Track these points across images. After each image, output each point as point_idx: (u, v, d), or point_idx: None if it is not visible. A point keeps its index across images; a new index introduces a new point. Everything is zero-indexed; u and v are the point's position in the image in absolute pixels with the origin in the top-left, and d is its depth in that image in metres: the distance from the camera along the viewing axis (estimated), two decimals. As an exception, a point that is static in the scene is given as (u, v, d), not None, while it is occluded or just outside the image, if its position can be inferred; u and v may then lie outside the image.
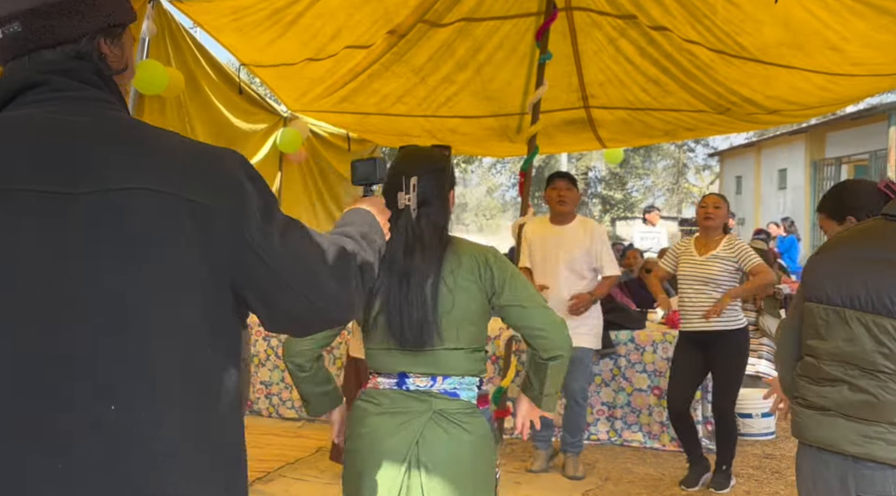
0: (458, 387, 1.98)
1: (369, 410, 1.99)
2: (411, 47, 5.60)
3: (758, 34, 4.70)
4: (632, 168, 29.76)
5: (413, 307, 1.93)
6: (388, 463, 1.92)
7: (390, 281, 1.96)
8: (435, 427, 1.93)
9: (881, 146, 14.07)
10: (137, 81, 5.20)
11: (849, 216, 2.24)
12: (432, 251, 1.96)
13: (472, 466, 1.96)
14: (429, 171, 2.01)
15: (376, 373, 2.04)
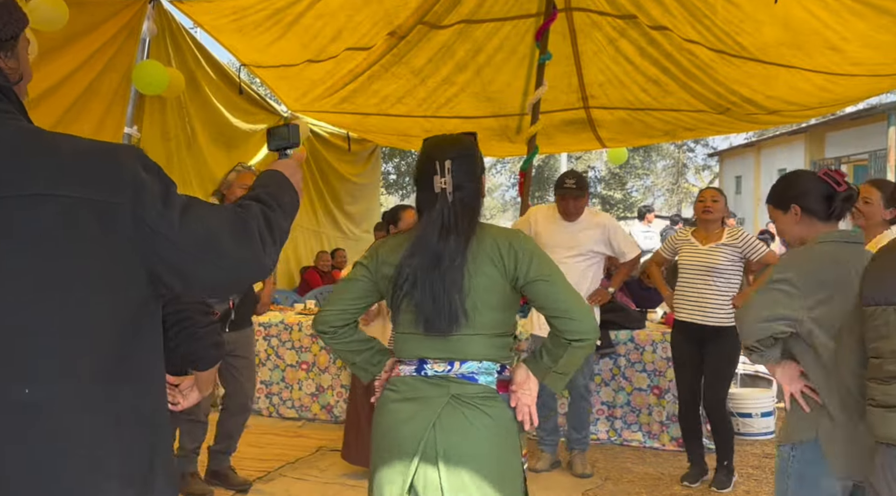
0: (477, 372, 1.96)
1: (389, 398, 2.01)
2: (411, 49, 5.61)
3: (758, 34, 4.70)
4: (631, 168, 29.77)
5: (444, 291, 1.92)
6: (402, 448, 1.92)
7: (421, 263, 1.95)
8: (453, 411, 1.91)
9: (881, 146, 14.08)
10: (138, 82, 5.21)
11: (792, 204, 2.31)
12: (463, 234, 1.96)
13: (495, 451, 1.93)
14: (461, 156, 2.01)
15: (399, 361, 2.06)
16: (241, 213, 1.33)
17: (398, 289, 1.98)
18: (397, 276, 1.98)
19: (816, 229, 2.28)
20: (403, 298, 1.98)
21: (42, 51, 4.29)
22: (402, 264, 1.98)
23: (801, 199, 2.29)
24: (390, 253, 2.05)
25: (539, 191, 27.09)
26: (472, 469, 1.90)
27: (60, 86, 4.71)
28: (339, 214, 9.36)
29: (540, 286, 1.94)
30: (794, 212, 2.30)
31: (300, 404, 5.80)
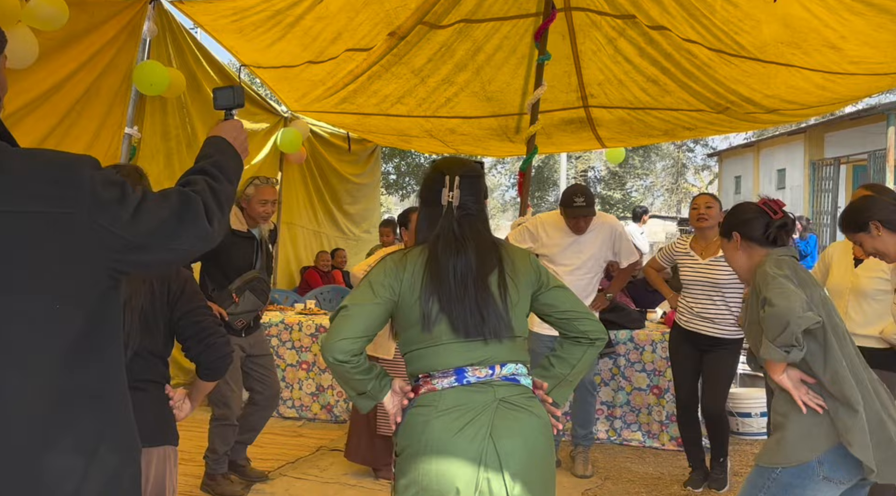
0: (517, 374, 1.99)
1: (430, 414, 1.92)
2: (411, 49, 5.61)
3: (756, 33, 4.71)
4: (631, 168, 29.77)
5: (481, 302, 1.96)
6: (460, 462, 1.86)
7: (445, 280, 1.97)
8: (504, 415, 1.91)
9: (880, 146, 14.08)
10: (138, 82, 5.22)
11: (733, 231, 2.48)
12: (488, 248, 2.03)
13: (544, 449, 1.97)
14: (469, 175, 2.09)
15: (428, 376, 1.98)
16: (186, 193, 1.43)
17: (428, 302, 1.96)
18: (424, 293, 1.97)
19: (757, 254, 2.43)
20: (435, 312, 1.96)
21: (42, 51, 4.29)
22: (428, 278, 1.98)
23: (740, 226, 2.47)
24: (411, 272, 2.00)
25: (539, 191, 27.10)
26: (534, 470, 1.93)
27: (61, 86, 4.71)
28: (339, 214, 9.37)
29: (560, 292, 2.09)
30: (735, 239, 2.48)
31: (300, 404, 5.81)
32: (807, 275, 2.34)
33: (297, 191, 8.36)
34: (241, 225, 4.00)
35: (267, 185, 4.02)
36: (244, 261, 3.96)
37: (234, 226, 3.98)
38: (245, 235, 3.99)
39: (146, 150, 5.70)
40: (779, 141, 19.92)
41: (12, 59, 4.18)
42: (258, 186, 3.99)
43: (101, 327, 1.38)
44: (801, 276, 2.29)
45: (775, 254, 2.37)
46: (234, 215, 4.02)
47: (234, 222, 4.00)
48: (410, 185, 20.34)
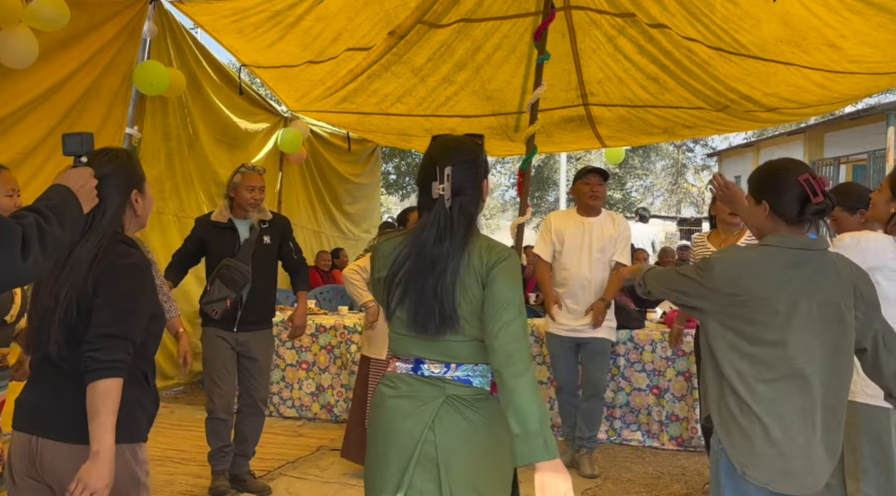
0: (471, 375, 2.00)
1: (387, 393, 2.04)
2: (410, 48, 5.61)
3: (756, 31, 4.71)
4: (631, 168, 29.77)
5: (435, 296, 1.93)
6: (401, 444, 1.97)
7: (416, 268, 1.96)
8: (451, 411, 1.96)
9: (879, 146, 14.09)
10: (139, 82, 5.22)
11: (764, 199, 2.26)
12: (458, 241, 1.96)
13: (489, 449, 1.97)
14: (462, 162, 2.02)
15: (395, 357, 2.08)
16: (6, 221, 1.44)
17: (392, 289, 1.99)
18: (392, 276, 1.99)
19: (780, 231, 2.23)
20: (397, 299, 1.99)
21: (43, 51, 4.30)
22: (397, 265, 1.99)
23: (773, 197, 2.24)
24: (388, 254, 2.05)
25: (539, 191, 27.09)
26: (470, 466, 1.94)
27: (62, 86, 4.72)
28: (339, 214, 9.38)
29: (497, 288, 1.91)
30: (763, 207, 2.26)
31: (300, 404, 5.81)
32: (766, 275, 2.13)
33: (297, 191, 8.36)
34: (222, 216, 4.02)
35: (253, 172, 4.02)
36: (223, 250, 3.97)
37: (214, 217, 4.04)
38: (225, 226, 4.01)
39: (147, 150, 5.71)
40: (779, 141, 19.92)
41: (13, 60, 4.18)
42: (244, 173, 4.00)
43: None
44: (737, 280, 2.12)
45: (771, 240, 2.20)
46: (220, 207, 4.08)
47: (216, 214, 4.05)
48: (410, 184, 20.33)
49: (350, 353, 5.62)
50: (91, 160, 2.03)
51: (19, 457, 2.01)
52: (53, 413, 1.97)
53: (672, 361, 5.12)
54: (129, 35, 5.12)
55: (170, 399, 6.19)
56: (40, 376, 2.04)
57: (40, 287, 2.06)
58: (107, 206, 2.01)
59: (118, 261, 1.99)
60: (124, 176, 2.07)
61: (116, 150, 2.16)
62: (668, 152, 30.53)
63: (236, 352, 4.05)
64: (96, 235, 1.99)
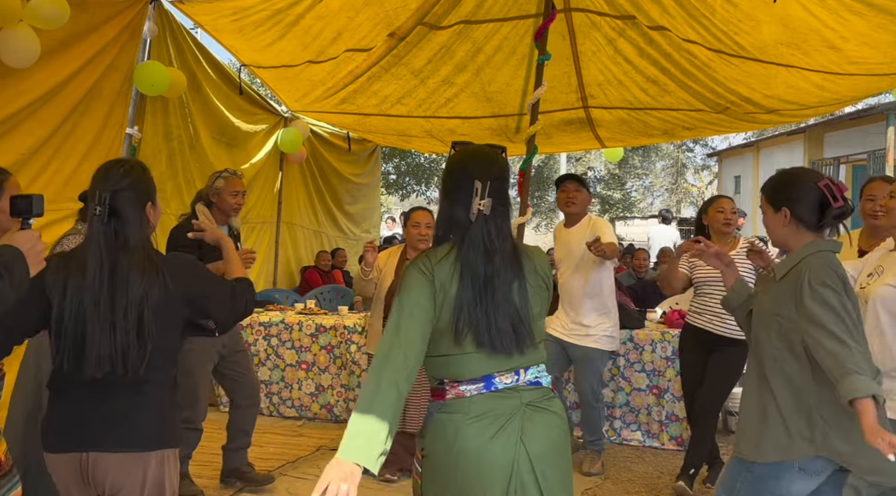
0: (539, 376, 2.02)
1: (462, 420, 1.93)
2: (411, 49, 5.61)
3: (756, 33, 4.71)
4: (631, 168, 29.75)
5: (500, 313, 1.94)
6: (496, 467, 1.90)
7: (473, 289, 1.94)
8: (530, 419, 1.95)
9: (879, 146, 14.08)
10: (139, 82, 5.22)
11: (784, 207, 2.27)
12: (509, 255, 1.98)
13: (566, 445, 2.03)
14: (498, 178, 2.00)
15: (455, 382, 1.97)
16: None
17: (457, 315, 1.93)
18: (454, 303, 1.93)
19: (802, 236, 2.25)
20: (463, 325, 1.93)
21: (44, 51, 4.30)
22: (460, 294, 1.94)
23: (793, 204, 2.25)
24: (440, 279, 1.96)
25: (539, 191, 27.09)
26: (559, 466, 1.98)
27: (64, 87, 4.72)
28: (340, 214, 9.38)
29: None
30: (783, 214, 2.27)
31: (300, 404, 5.82)
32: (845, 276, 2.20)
33: (298, 191, 8.36)
34: (210, 223, 4.01)
35: (235, 177, 4.04)
36: (210, 258, 3.96)
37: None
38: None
39: (148, 151, 5.71)
40: (778, 141, 19.91)
41: (14, 59, 4.18)
42: (227, 178, 4.00)
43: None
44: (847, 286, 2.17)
45: (820, 246, 2.21)
46: (202, 214, 4.04)
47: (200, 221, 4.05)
48: (410, 184, 20.33)
49: (350, 353, 5.62)
50: (107, 171, 2.11)
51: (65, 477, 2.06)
52: (109, 425, 2.04)
53: (672, 361, 5.12)
54: (129, 35, 5.12)
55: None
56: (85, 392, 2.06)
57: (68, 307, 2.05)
58: (128, 221, 2.08)
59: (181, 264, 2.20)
60: (140, 190, 2.12)
61: (132, 164, 2.19)
62: (668, 152, 30.52)
63: (222, 355, 4.06)
64: (138, 252, 2.07)
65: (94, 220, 2.07)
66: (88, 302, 2.02)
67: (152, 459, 2.07)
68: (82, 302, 2.03)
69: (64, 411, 2.07)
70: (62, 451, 2.04)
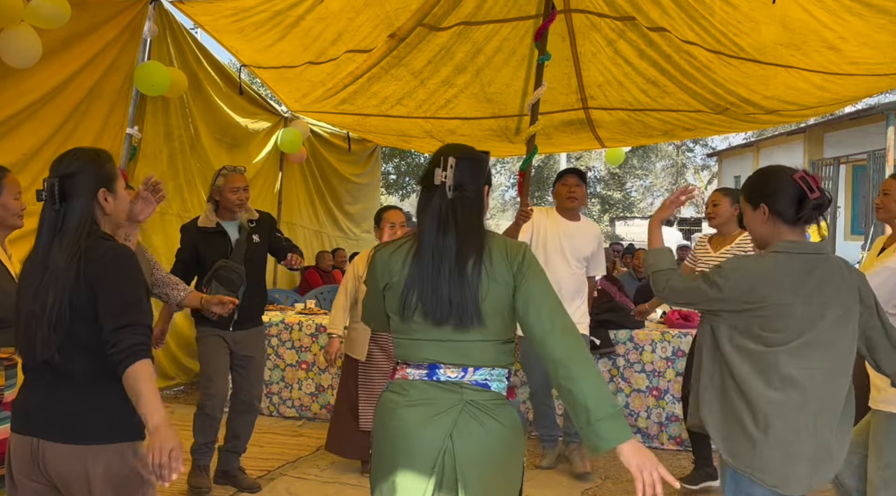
0: (489, 379, 1.96)
1: (399, 402, 1.96)
2: (411, 51, 5.62)
3: (755, 34, 4.72)
4: (630, 168, 29.77)
5: (452, 286, 1.92)
6: (422, 454, 1.91)
7: (424, 261, 1.95)
8: (469, 419, 1.91)
9: (879, 146, 14.07)
10: (140, 83, 5.23)
11: (762, 203, 2.26)
12: (471, 234, 1.96)
13: (504, 457, 1.95)
14: (467, 158, 2.02)
15: (404, 364, 2.01)
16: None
17: (406, 290, 1.96)
18: (407, 279, 1.96)
19: (780, 233, 2.24)
20: (414, 299, 1.95)
21: (45, 51, 4.31)
22: (406, 265, 1.98)
23: (770, 199, 2.24)
24: (386, 260, 2.03)
25: (539, 191, 27.09)
26: (486, 474, 1.92)
27: (65, 87, 4.73)
28: (340, 214, 9.39)
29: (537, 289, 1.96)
30: (762, 211, 2.26)
31: (300, 403, 5.82)
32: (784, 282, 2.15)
33: (298, 191, 8.37)
34: (209, 221, 4.03)
35: (235, 173, 4.03)
36: (216, 254, 3.97)
37: (200, 223, 4.04)
38: (213, 230, 4.02)
39: (148, 150, 5.71)
40: (778, 141, 19.91)
41: (16, 59, 4.19)
42: (227, 175, 4.01)
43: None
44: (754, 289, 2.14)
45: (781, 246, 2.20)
46: (205, 212, 4.07)
47: (201, 220, 4.05)
48: (410, 184, 20.34)
49: (350, 354, 5.63)
50: (60, 158, 2.08)
51: (20, 459, 2.03)
52: (53, 415, 1.99)
53: (672, 362, 5.13)
54: (130, 35, 5.13)
55: (170, 399, 6.20)
56: (35, 379, 2.06)
57: (21, 293, 2.07)
58: (73, 206, 2.03)
59: (105, 256, 2.01)
60: (90, 175, 2.07)
61: (84, 150, 2.14)
62: (668, 152, 30.53)
63: (231, 351, 4.07)
64: (69, 236, 2.01)
65: (44, 205, 2.05)
66: (29, 287, 2.01)
67: (107, 452, 1.99)
68: (27, 287, 2.02)
69: (24, 395, 2.08)
70: (20, 433, 2.03)
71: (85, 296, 1.97)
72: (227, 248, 4.00)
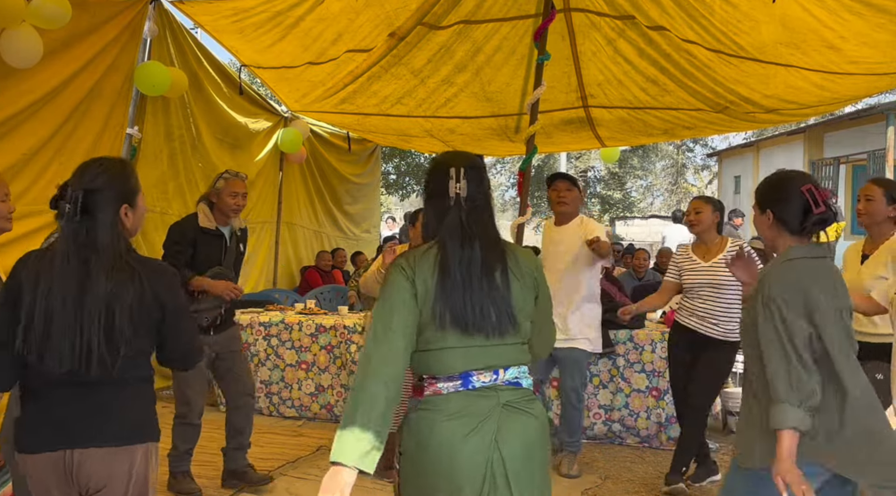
0: (519, 377, 2.01)
1: (436, 419, 1.92)
2: (410, 49, 5.62)
3: (755, 33, 4.72)
4: (630, 168, 29.78)
5: (478, 295, 1.94)
6: (470, 465, 1.89)
7: (451, 273, 1.95)
8: (507, 419, 1.94)
9: (879, 146, 14.08)
10: (140, 82, 5.23)
11: (769, 209, 2.31)
12: (492, 242, 2.00)
13: (542, 448, 2.01)
14: (474, 167, 2.06)
15: (432, 379, 1.97)
16: None
17: (439, 303, 1.94)
18: (436, 291, 1.94)
19: (784, 239, 2.27)
20: (442, 311, 1.94)
21: (45, 51, 4.31)
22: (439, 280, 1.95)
23: (776, 206, 2.28)
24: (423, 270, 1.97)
25: (538, 191, 27.08)
26: (532, 468, 1.96)
27: (65, 87, 4.73)
28: (339, 214, 9.39)
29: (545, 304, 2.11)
30: (768, 216, 2.30)
31: (300, 403, 5.82)
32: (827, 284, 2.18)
33: (298, 191, 8.37)
34: (210, 222, 4.00)
35: (236, 178, 4.03)
36: (213, 258, 3.96)
37: (202, 223, 3.99)
38: (213, 233, 4.00)
39: (149, 151, 5.72)
40: (778, 141, 19.91)
41: (17, 59, 4.19)
42: (227, 179, 4.00)
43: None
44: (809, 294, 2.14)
45: (792, 254, 2.23)
46: (203, 213, 4.02)
47: (202, 220, 4.00)
48: (410, 184, 20.33)
49: (350, 353, 5.63)
50: (84, 169, 2.07)
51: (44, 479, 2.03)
52: (94, 422, 2.03)
53: (671, 362, 5.13)
54: (130, 35, 5.13)
55: (169, 399, 6.18)
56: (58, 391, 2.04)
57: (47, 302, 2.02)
58: (98, 221, 2.02)
59: (167, 272, 2.15)
60: (115, 191, 2.07)
61: (110, 162, 2.12)
62: (668, 152, 30.53)
63: (215, 354, 4.07)
64: (108, 253, 2.01)
65: (66, 217, 2.03)
66: (56, 299, 1.99)
67: (138, 452, 2.07)
68: (50, 299, 2.00)
69: (42, 411, 2.05)
70: (42, 451, 2.02)
71: (147, 312, 2.06)
72: (222, 253, 3.99)
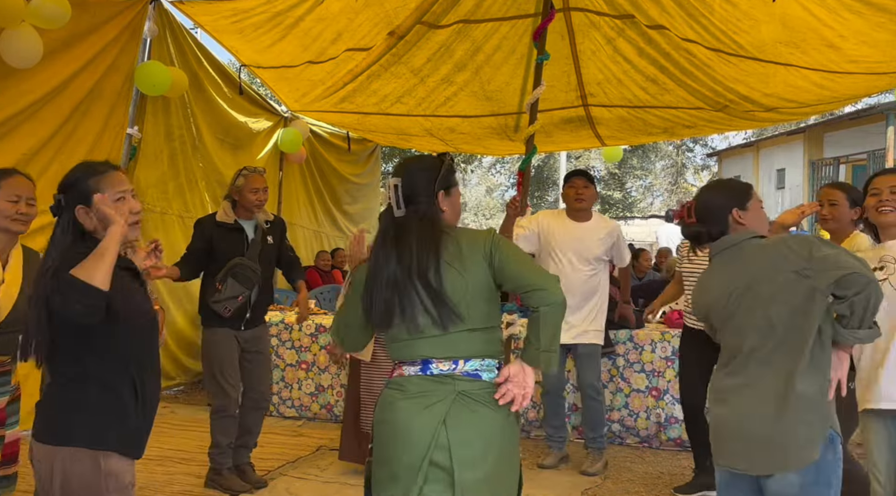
0: (480, 369, 2.09)
1: (396, 396, 2.10)
2: (410, 48, 5.62)
3: (755, 32, 4.72)
4: (630, 168, 29.80)
5: (421, 296, 2.04)
6: (415, 442, 2.02)
7: (377, 284, 2.09)
8: (461, 407, 2.04)
9: (879, 146, 14.10)
10: (140, 82, 5.23)
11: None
12: (425, 241, 2.07)
13: (499, 443, 2.07)
14: (413, 173, 2.15)
15: (401, 363, 2.14)
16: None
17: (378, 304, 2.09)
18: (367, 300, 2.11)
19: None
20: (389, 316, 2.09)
21: (46, 51, 4.31)
22: (370, 283, 2.11)
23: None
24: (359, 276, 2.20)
25: (538, 191, 27.13)
26: (482, 459, 2.02)
27: (65, 87, 4.73)
28: (339, 214, 9.39)
29: (513, 266, 2.09)
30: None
31: (300, 403, 5.82)
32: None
33: (297, 191, 8.37)
34: (228, 217, 4.07)
35: (255, 174, 4.10)
36: (232, 251, 4.01)
37: (219, 218, 4.08)
38: (231, 227, 4.06)
39: (149, 150, 5.72)
40: (778, 141, 19.93)
41: (17, 59, 4.19)
42: (247, 176, 4.07)
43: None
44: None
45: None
46: (223, 209, 4.11)
47: (220, 215, 4.09)
48: (410, 184, 20.34)
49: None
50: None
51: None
52: (37, 415, 2.10)
53: (672, 362, 5.12)
54: (130, 35, 5.14)
55: (170, 399, 6.20)
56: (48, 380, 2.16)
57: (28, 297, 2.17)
58: (58, 222, 2.11)
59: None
60: (70, 193, 2.11)
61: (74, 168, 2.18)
62: (668, 152, 30.54)
63: (242, 349, 4.12)
64: (54, 248, 2.08)
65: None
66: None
67: (59, 454, 2.03)
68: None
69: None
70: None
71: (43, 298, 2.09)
72: (244, 246, 4.06)
